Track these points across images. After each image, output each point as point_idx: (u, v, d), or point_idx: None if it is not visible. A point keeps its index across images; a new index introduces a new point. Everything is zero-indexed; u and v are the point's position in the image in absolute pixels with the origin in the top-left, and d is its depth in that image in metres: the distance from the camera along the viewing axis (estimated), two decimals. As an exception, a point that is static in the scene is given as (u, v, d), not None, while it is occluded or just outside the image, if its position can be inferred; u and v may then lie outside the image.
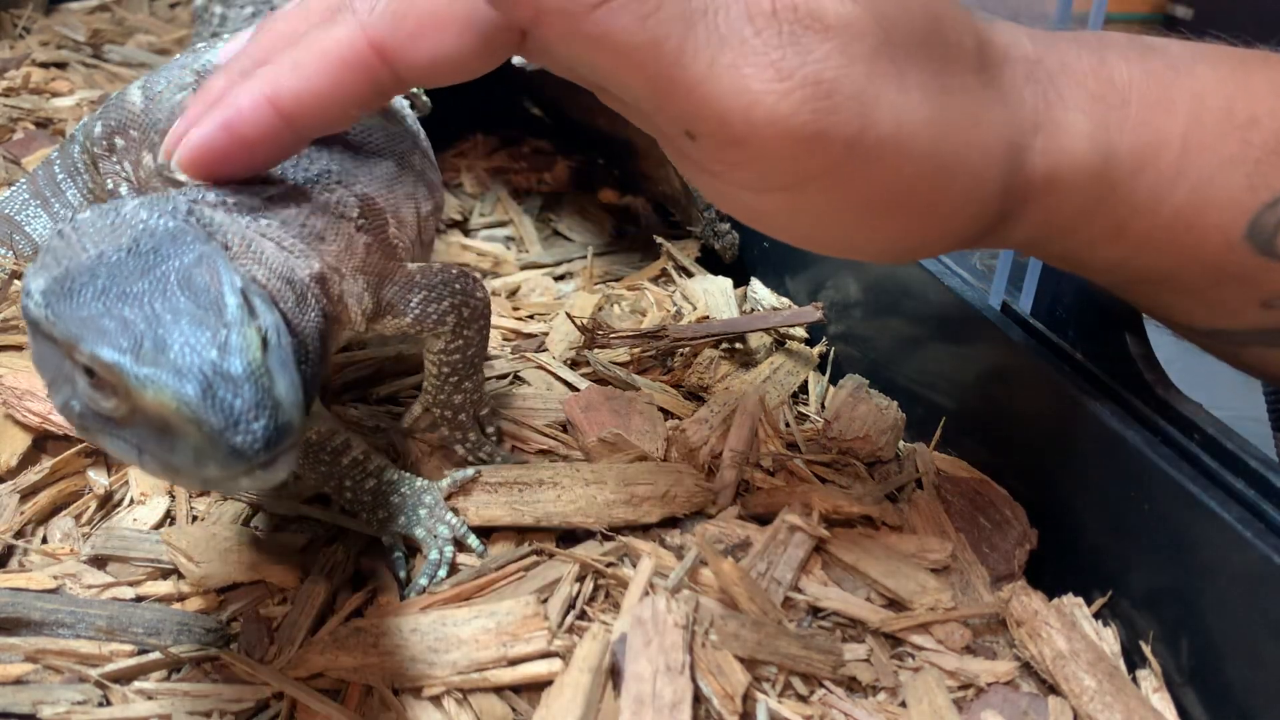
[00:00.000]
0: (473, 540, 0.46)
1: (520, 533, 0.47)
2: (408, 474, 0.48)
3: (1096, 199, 0.40)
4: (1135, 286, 0.44)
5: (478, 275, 0.48)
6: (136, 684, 0.40)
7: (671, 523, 0.47)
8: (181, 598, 0.44)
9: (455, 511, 0.46)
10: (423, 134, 0.56)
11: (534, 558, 0.45)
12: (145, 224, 0.37)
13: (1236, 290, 0.41)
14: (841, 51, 0.34)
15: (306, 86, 0.37)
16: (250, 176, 0.41)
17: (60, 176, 0.64)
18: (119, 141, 0.59)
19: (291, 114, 0.37)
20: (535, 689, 0.40)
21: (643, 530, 0.47)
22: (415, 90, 0.64)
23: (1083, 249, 0.42)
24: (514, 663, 0.40)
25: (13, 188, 0.66)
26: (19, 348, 0.56)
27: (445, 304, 0.46)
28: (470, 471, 0.48)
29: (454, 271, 0.47)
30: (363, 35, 0.36)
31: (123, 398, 0.33)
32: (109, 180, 0.61)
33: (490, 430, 0.52)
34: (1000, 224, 0.40)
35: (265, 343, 0.33)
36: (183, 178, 0.40)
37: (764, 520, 0.48)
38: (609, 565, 0.44)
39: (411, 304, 0.46)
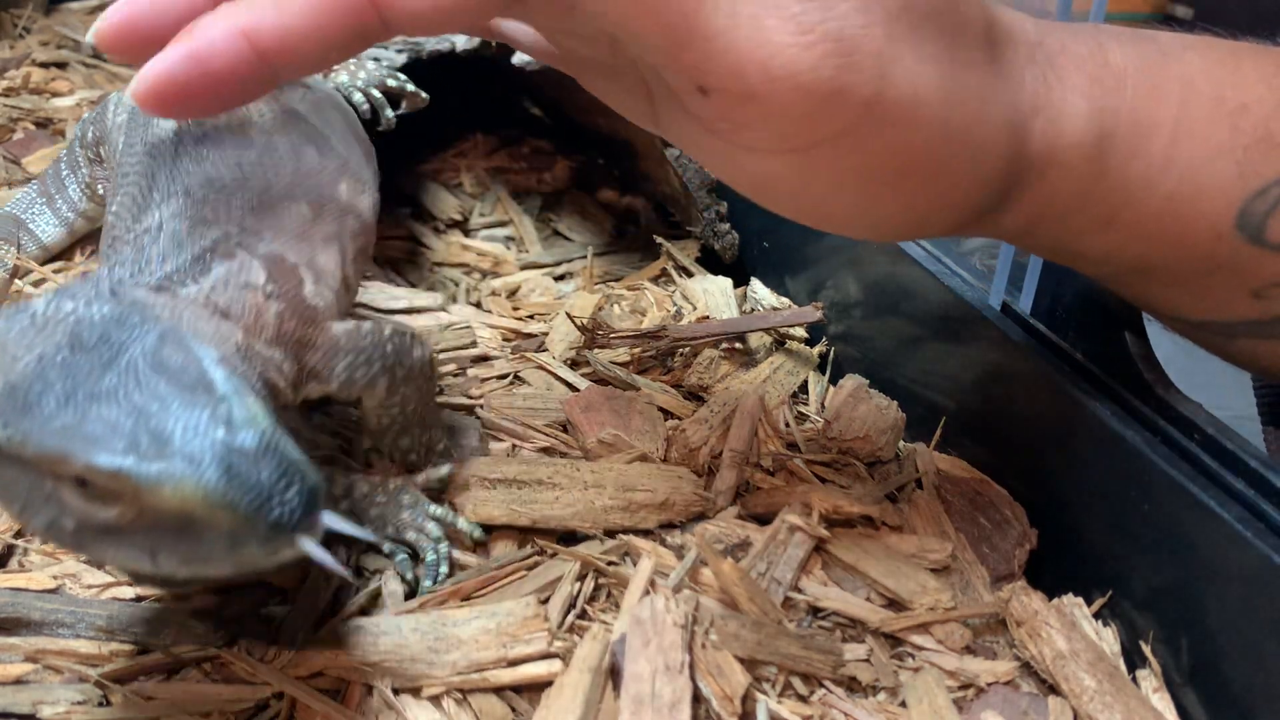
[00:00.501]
0: (463, 524, 0.45)
1: (522, 532, 0.47)
2: (377, 480, 0.45)
3: (1089, 184, 0.39)
4: (1125, 277, 0.44)
5: (414, 333, 0.44)
6: (136, 684, 0.40)
7: (650, 530, 0.47)
8: (184, 597, 0.44)
9: (441, 501, 0.45)
10: (348, 115, 0.50)
11: (535, 557, 0.45)
12: (78, 316, 0.34)
13: (1226, 280, 0.41)
14: (863, 11, 0.33)
15: (290, 24, 0.34)
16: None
17: (65, 173, 0.64)
18: (103, 151, 0.58)
19: (268, 51, 0.34)
20: (535, 689, 0.40)
21: (643, 531, 0.47)
22: (412, 89, 0.63)
23: (1073, 238, 0.42)
24: (514, 663, 0.40)
25: (25, 187, 0.66)
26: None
27: (375, 368, 0.43)
28: (445, 469, 0.46)
29: (386, 332, 0.43)
30: None
31: (129, 503, 0.31)
32: (99, 185, 0.61)
33: (439, 474, 0.47)
34: (997, 206, 0.40)
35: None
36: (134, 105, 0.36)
37: (764, 520, 0.48)
38: (609, 565, 0.44)
39: (336, 370, 0.42)
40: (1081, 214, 0.40)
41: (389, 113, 0.62)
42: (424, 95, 0.63)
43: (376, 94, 0.62)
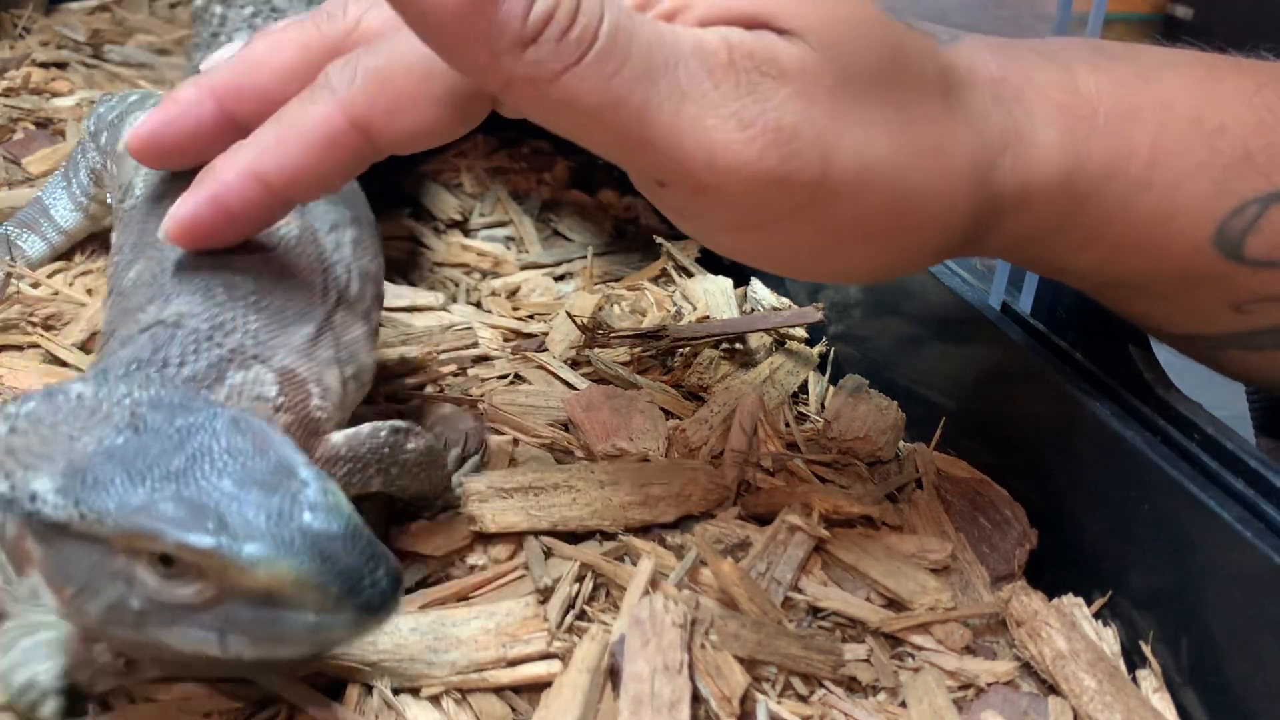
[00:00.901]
0: (48, 709, 0.38)
1: (519, 535, 0.47)
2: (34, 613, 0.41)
3: (1067, 210, 0.40)
4: (1110, 291, 0.45)
5: (411, 427, 0.44)
6: (136, 684, 0.40)
7: (672, 522, 0.47)
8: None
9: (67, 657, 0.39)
10: (362, 219, 0.50)
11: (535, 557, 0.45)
12: (134, 399, 0.35)
13: (1209, 294, 0.42)
14: (800, 95, 0.34)
15: (291, 163, 0.38)
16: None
17: (78, 156, 0.64)
18: (109, 164, 0.59)
19: (277, 187, 0.38)
20: (535, 689, 0.40)
21: (643, 530, 0.47)
22: None
23: (1056, 256, 0.43)
24: (513, 663, 0.40)
25: (57, 172, 0.67)
26: (19, 347, 0.56)
27: (371, 470, 0.43)
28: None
29: (382, 435, 0.43)
30: (341, 113, 0.37)
31: (211, 581, 0.32)
32: (104, 174, 0.62)
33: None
34: (974, 239, 0.41)
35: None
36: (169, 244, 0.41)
37: (764, 520, 0.48)
38: (609, 565, 0.44)
39: (336, 476, 0.42)
40: (1061, 236, 0.41)
41: None
42: None
43: None
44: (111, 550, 0.32)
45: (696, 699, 0.38)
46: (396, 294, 0.65)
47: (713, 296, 0.68)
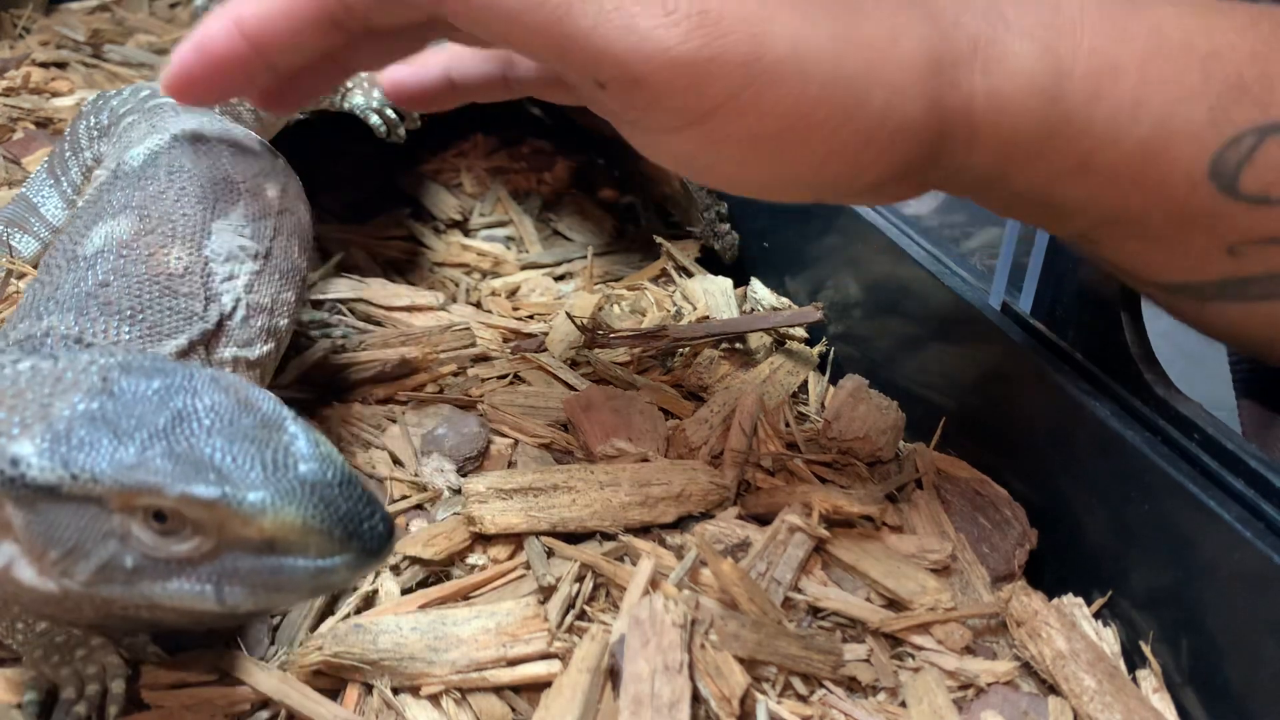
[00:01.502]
0: (112, 708, 0.38)
1: (519, 536, 0.47)
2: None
3: (1051, 126, 0.39)
4: (1103, 233, 0.44)
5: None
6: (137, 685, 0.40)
7: (672, 522, 0.47)
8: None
9: (124, 663, 0.40)
10: (276, 261, 0.51)
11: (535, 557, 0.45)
12: (104, 364, 0.35)
13: (1203, 236, 0.41)
14: None
15: (266, 10, 0.39)
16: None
17: (68, 153, 0.64)
18: (100, 147, 0.59)
19: (253, 36, 0.40)
20: (534, 689, 0.40)
21: (644, 530, 0.47)
22: (416, 115, 0.65)
23: (1046, 185, 0.41)
24: (513, 663, 0.40)
25: (38, 168, 0.66)
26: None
27: None
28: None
29: None
30: None
31: (210, 534, 0.32)
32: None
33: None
34: (944, 152, 0.40)
35: None
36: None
37: (764, 520, 0.48)
38: (609, 565, 0.44)
39: None
40: (1051, 158, 0.40)
41: (401, 131, 0.66)
42: (415, 116, 0.67)
43: (390, 113, 0.66)
44: (105, 510, 0.32)
45: (696, 699, 0.38)
46: (395, 294, 0.65)
47: (713, 296, 0.68)
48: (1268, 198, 0.39)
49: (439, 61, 0.47)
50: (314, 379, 0.57)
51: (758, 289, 0.70)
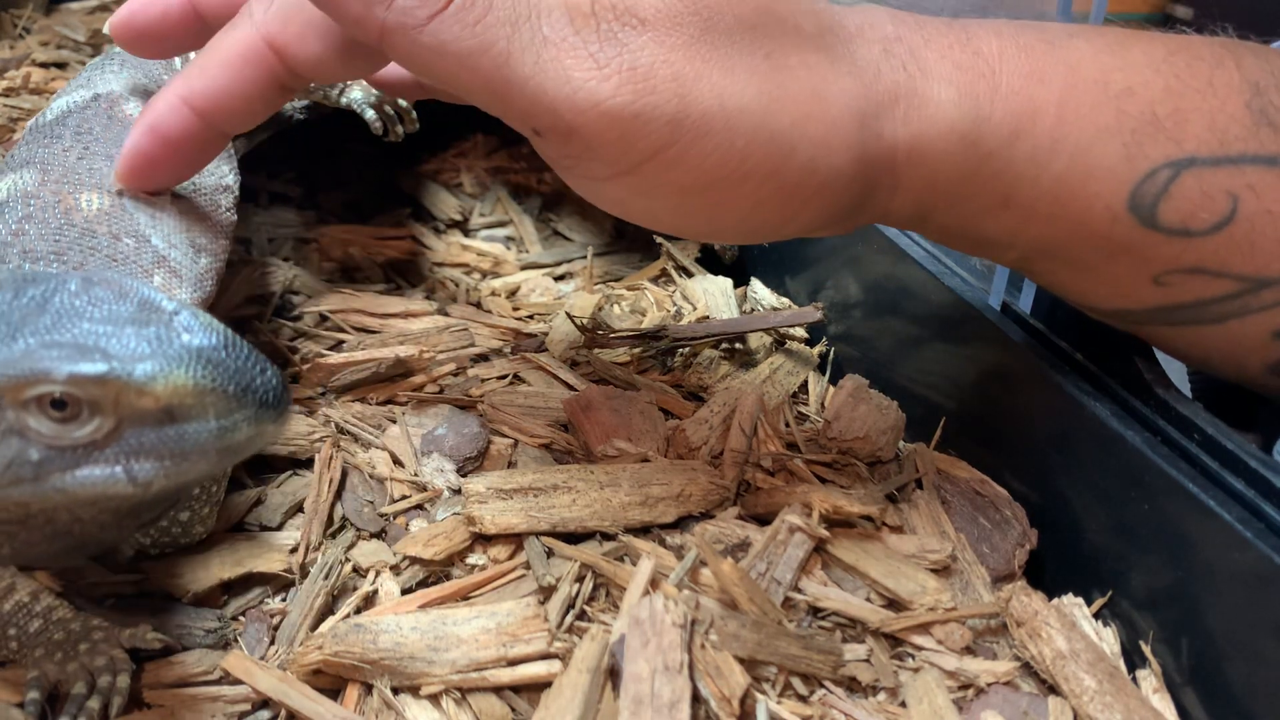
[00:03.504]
0: (116, 699, 0.38)
1: (519, 536, 0.47)
2: (83, 612, 0.41)
3: (971, 167, 0.40)
4: (1035, 263, 0.45)
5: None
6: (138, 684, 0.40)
7: (672, 522, 0.47)
8: (183, 595, 0.44)
9: (129, 658, 0.40)
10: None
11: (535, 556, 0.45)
12: None
13: (1129, 266, 0.42)
14: (658, 42, 0.37)
15: (213, 83, 0.41)
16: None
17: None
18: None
19: (204, 110, 0.41)
20: (534, 689, 0.40)
21: (644, 530, 0.47)
22: (414, 115, 0.65)
23: (971, 221, 0.43)
24: (513, 663, 0.40)
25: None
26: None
27: None
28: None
29: None
30: (257, 33, 0.41)
31: (108, 413, 0.32)
32: None
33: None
34: (870, 198, 0.41)
35: None
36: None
37: (764, 520, 0.48)
38: (609, 565, 0.44)
39: None
40: (973, 197, 0.41)
41: (399, 129, 0.66)
42: (414, 117, 0.67)
43: (389, 109, 0.65)
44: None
45: (696, 699, 0.38)
46: (387, 304, 0.65)
47: (713, 296, 0.68)
48: (1187, 229, 0.40)
49: None
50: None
51: (758, 289, 0.70)
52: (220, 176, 0.54)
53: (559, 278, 0.73)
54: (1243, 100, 0.40)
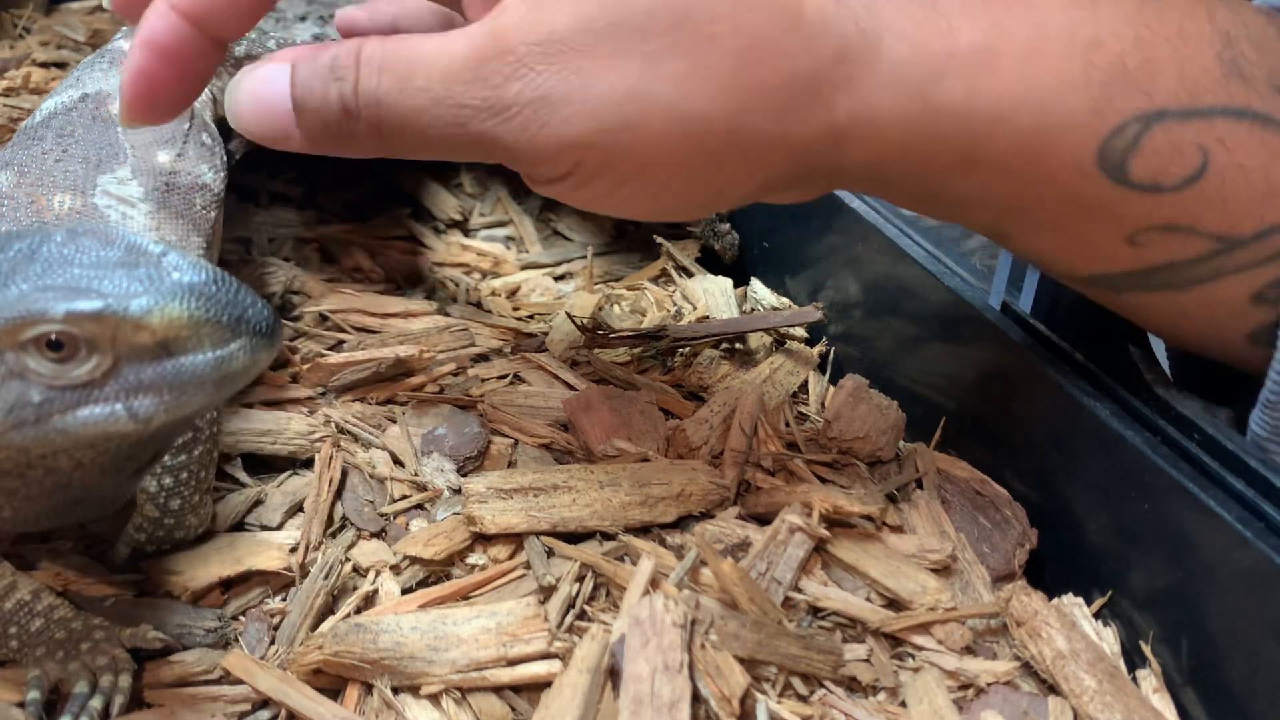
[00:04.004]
0: (118, 698, 0.38)
1: (519, 536, 0.47)
2: (83, 612, 0.41)
3: (926, 126, 0.40)
4: (1007, 226, 0.44)
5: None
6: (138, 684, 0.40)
7: (672, 522, 0.47)
8: (183, 594, 0.44)
9: (131, 657, 0.40)
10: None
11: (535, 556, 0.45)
12: None
13: (1101, 225, 0.41)
14: (564, 61, 0.38)
15: None
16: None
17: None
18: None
19: (196, 15, 0.40)
20: (534, 689, 0.40)
21: (644, 530, 0.47)
22: None
23: (934, 182, 0.42)
24: (513, 663, 0.40)
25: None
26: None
27: None
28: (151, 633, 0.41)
29: None
30: None
31: (105, 349, 0.33)
32: None
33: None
34: (816, 161, 0.41)
35: None
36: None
37: (764, 520, 0.48)
38: (609, 565, 0.44)
39: None
40: (932, 157, 0.40)
41: None
42: None
43: None
44: None
45: (696, 699, 0.38)
46: (387, 304, 0.65)
47: (713, 296, 0.68)
48: (1158, 185, 0.39)
49: (390, 12, 0.48)
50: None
51: (758, 289, 0.70)
52: (197, 176, 0.55)
53: (559, 278, 0.73)
54: (1214, 51, 0.39)
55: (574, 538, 0.46)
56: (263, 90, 0.39)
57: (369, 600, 0.44)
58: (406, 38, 0.39)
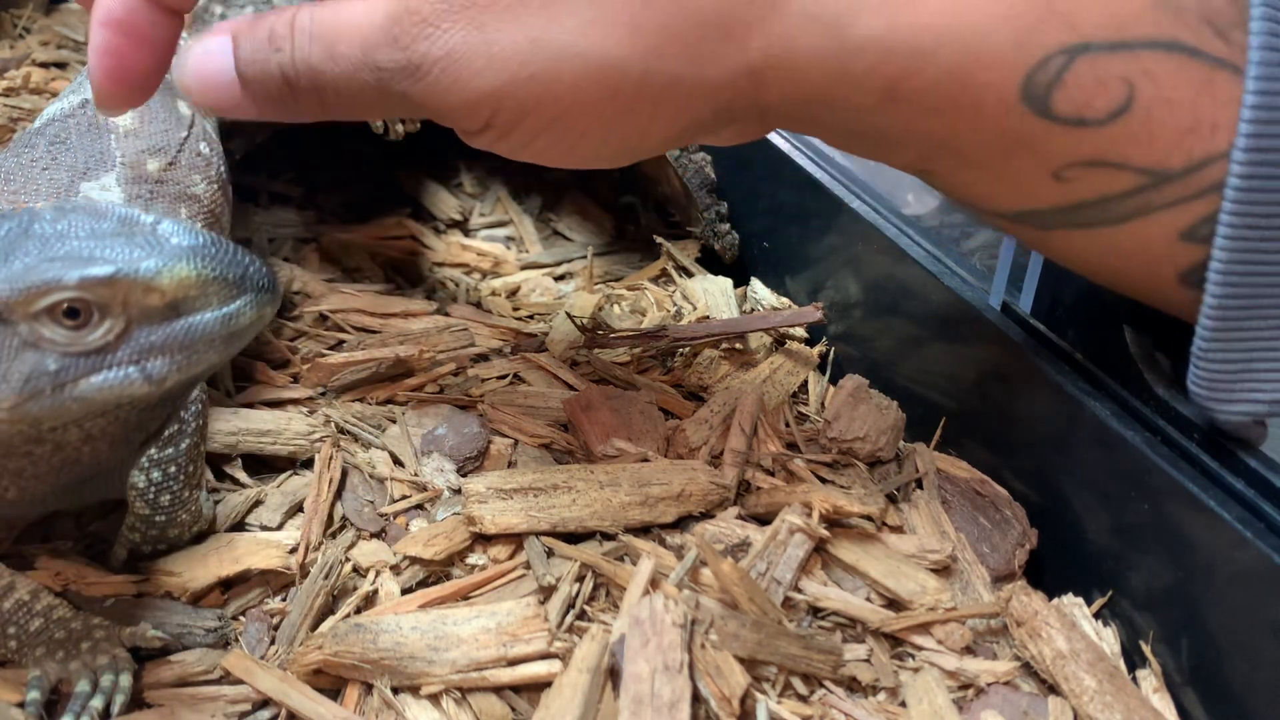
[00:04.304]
0: (119, 697, 0.38)
1: (519, 536, 0.47)
2: (83, 611, 0.41)
3: (844, 62, 0.40)
4: (933, 163, 0.44)
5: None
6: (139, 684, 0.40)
7: (672, 522, 0.47)
8: (182, 594, 0.44)
9: (131, 657, 0.40)
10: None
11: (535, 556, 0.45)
12: None
13: (1028, 160, 0.41)
14: (467, 18, 0.39)
15: None
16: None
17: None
18: None
19: None
20: (535, 689, 0.40)
21: (644, 530, 0.47)
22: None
23: (859, 118, 0.42)
24: (513, 663, 0.40)
25: None
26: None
27: None
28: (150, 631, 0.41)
29: None
30: None
31: (118, 313, 0.34)
32: None
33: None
34: (734, 100, 0.41)
35: None
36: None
37: (764, 520, 0.48)
38: (609, 565, 0.44)
39: None
40: (853, 93, 0.40)
41: (400, 127, 0.66)
42: (400, 128, 0.68)
43: None
44: (10, 325, 0.34)
45: (696, 699, 0.38)
46: (388, 303, 0.65)
47: (713, 296, 0.68)
48: (1083, 119, 0.39)
49: None
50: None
51: (758, 289, 0.70)
52: (186, 186, 0.55)
53: (559, 278, 0.73)
54: None
55: (574, 538, 0.46)
56: (207, 64, 0.40)
57: (369, 600, 0.44)
58: (336, 4, 0.40)
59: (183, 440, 0.45)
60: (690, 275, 0.72)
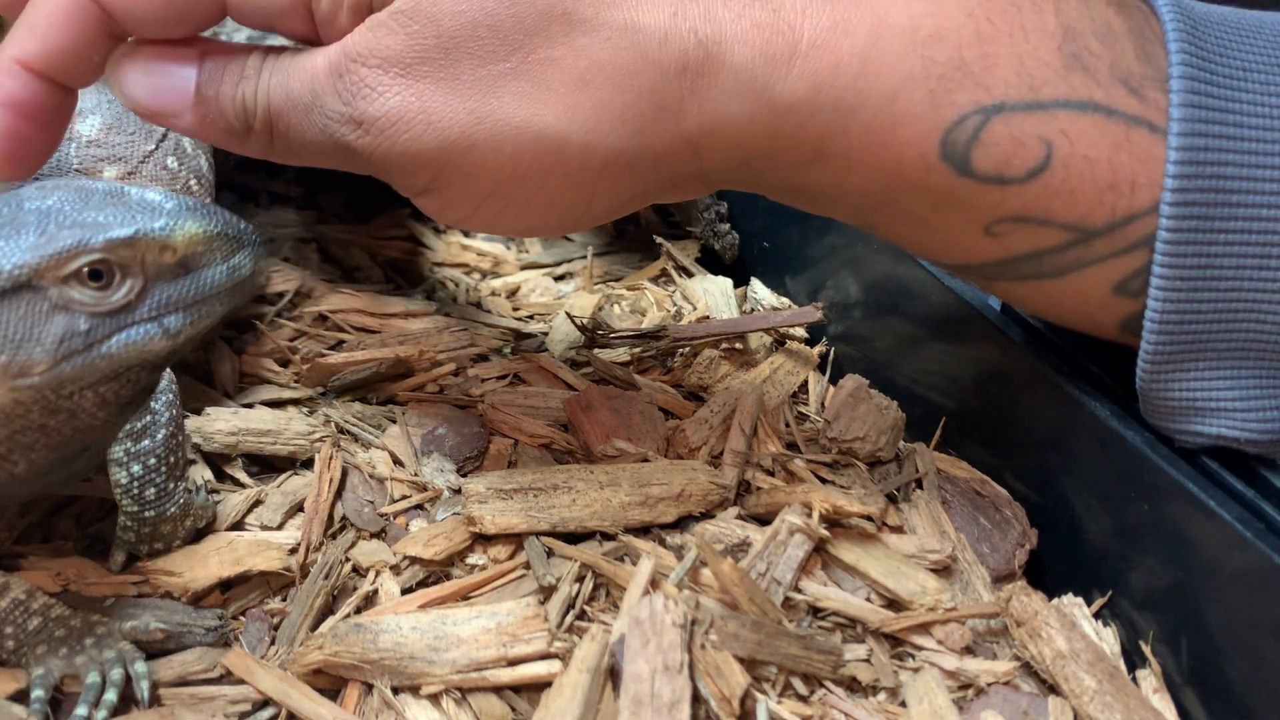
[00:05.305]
0: (144, 684, 0.39)
1: (519, 536, 0.47)
2: (80, 610, 0.41)
3: (772, 125, 0.40)
4: (870, 217, 0.44)
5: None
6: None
7: (672, 522, 0.47)
8: (182, 594, 0.44)
9: (137, 646, 0.40)
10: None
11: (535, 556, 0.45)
12: None
13: (957, 216, 0.41)
14: (404, 82, 0.39)
15: (45, 43, 0.40)
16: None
17: None
18: None
19: (46, 72, 0.40)
20: (535, 689, 0.40)
21: (644, 530, 0.47)
22: None
23: (793, 175, 0.42)
24: (513, 663, 0.40)
25: None
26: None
27: None
28: (152, 625, 0.41)
29: None
30: None
31: (138, 272, 0.37)
32: None
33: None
34: (675, 167, 0.42)
35: None
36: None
37: (764, 520, 0.48)
38: (609, 565, 0.44)
39: None
40: (783, 151, 0.41)
41: None
42: None
43: None
44: (40, 291, 0.36)
45: (696, 699, 0.38)
46: (389, 304, 0.65)
47: (713, 296, 0.68)
48: (1003, 177, 0.40)
49: None
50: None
51: (758, 289, 0.70)
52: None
53: (559, 278, 0.73)
54: (1054, 44, 0.39)
55: (574, 538, 0.46)
56: (165, 73, 0.41)
57: (369, 600, 0.44)
58: (303, 50, 0.41)
59: (159, 431, 0.45)
60: (690, 275, 0.72)
